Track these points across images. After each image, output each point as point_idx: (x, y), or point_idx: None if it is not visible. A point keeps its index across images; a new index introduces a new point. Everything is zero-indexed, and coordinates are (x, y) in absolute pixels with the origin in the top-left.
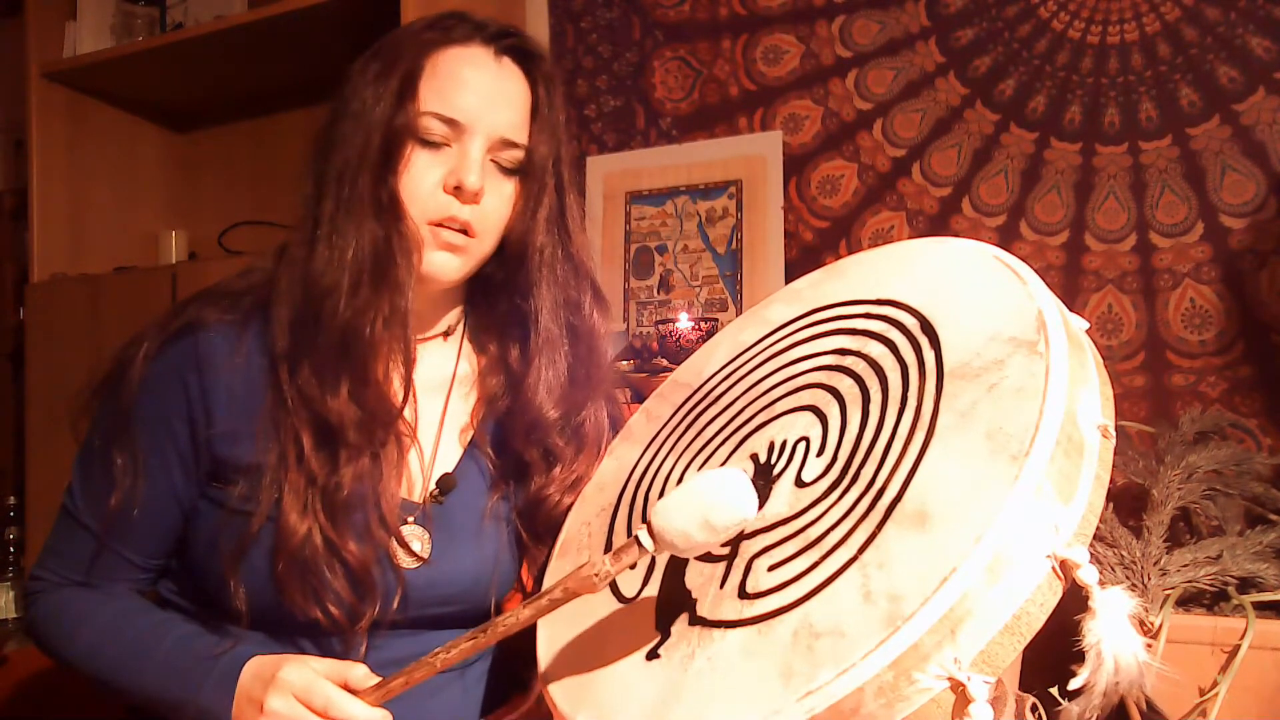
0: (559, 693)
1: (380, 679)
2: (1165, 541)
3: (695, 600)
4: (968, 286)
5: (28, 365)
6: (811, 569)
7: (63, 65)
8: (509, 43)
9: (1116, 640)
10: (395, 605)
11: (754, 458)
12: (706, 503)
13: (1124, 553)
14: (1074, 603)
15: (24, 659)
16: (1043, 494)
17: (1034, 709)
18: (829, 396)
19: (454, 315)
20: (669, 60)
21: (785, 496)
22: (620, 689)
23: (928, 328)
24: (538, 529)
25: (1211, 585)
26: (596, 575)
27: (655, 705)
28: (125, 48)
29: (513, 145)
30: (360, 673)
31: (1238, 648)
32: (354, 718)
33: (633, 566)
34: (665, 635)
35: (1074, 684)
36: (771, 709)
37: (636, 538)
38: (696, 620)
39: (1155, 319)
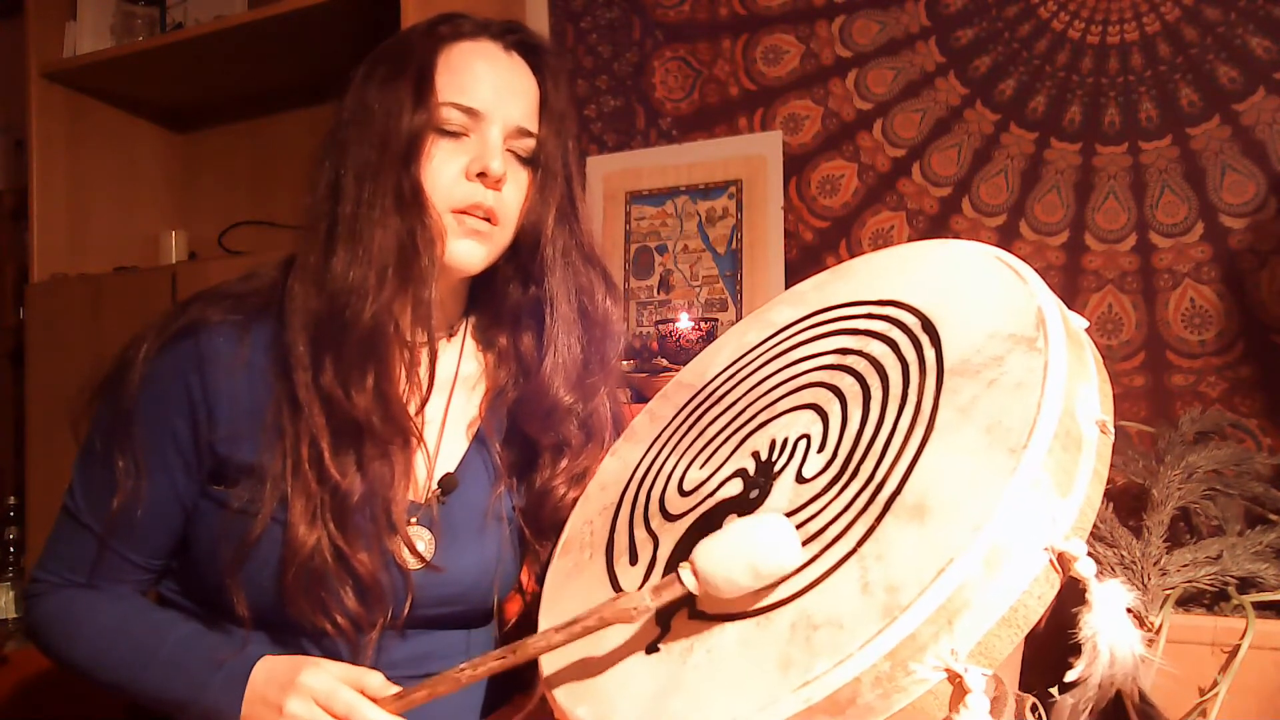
0: (559, 687)
1: (399, 689)
2: (1165, 541)
3: (695, 595)
4: (969, 286)
5: (28, 365)
6: (810, 562)
7: (63, 65)
8: (516, 37)
9: (1113, 632)
10: (404, 610)
11: (755, 455)
12: (754, 550)
13: (1124, 553)
14: (1074, 600)
15: (24, 659)
16: (1040, 486)
17: (1034, 709)
18: (830, 395)
19: (459, 316)
20: (669, 60)
21: (786, 493)
22: (620, 683)
23: (929, 326)
24: (541, 524)
25: (1211, 585)
26: (635, 609)
27: (654, 698)
28: (125, 48)
29: (527, 134)
30: (377, 681)
31: (1238, 648)
32: None
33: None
34: (665, 629)
35: (1070, 676)
36: (769, 699)
37: (679, 576)
38: (696, 614)
39: (1155, 319)
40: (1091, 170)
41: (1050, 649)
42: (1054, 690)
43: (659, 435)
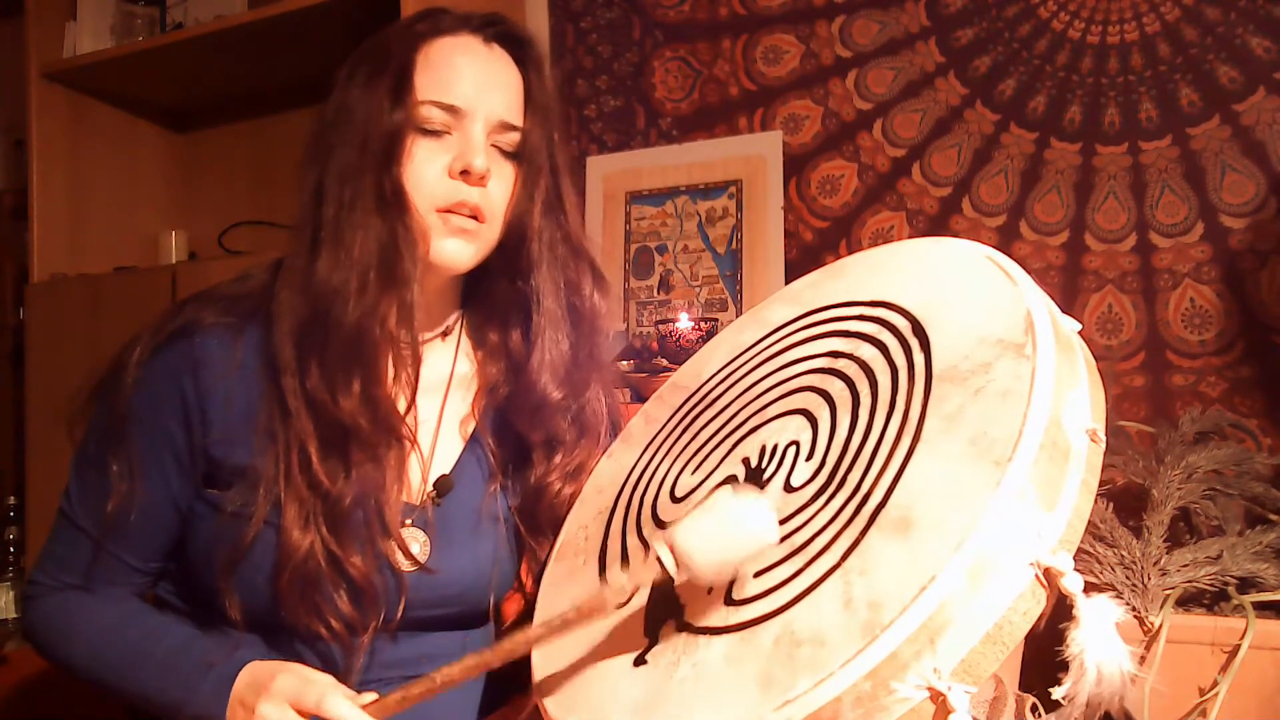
0: (548, 697)
1: (375, 696)
2: (1165, 541)
3: (684, 606)
4: (960, 287)
5: (28, 365)
6: (795, 575)
7: (63, 65)
8: (497, 30)
9: (1101, 650)
10: (399, 613)
11: (745, 462)
12: (730, 527)
13: (1124, 553)
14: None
15: (24, 659)
16: (1026, 500)
17: (1034, 709)
18: (820, 400)
19: (452, 315)
20: (669, 60)
21: (774, 501)
22: (607, 694)
23: (919, 330)
24: (538, 521)
25: (1211, 585)
26: (616, 604)
27: (639, 711)
28: (125, 48)
29: (511, 128)
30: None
31: (1238, 648)
32: (344, 717)
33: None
34: (653, 641)
35: (1057, 694)
36: (750, 717)
37: (658, 558)
38: (683, 627)
39: (1155, 319)
40: (1091, 170)
41: (1052, 648)
42: (1055, 690)
43: (653, 439)
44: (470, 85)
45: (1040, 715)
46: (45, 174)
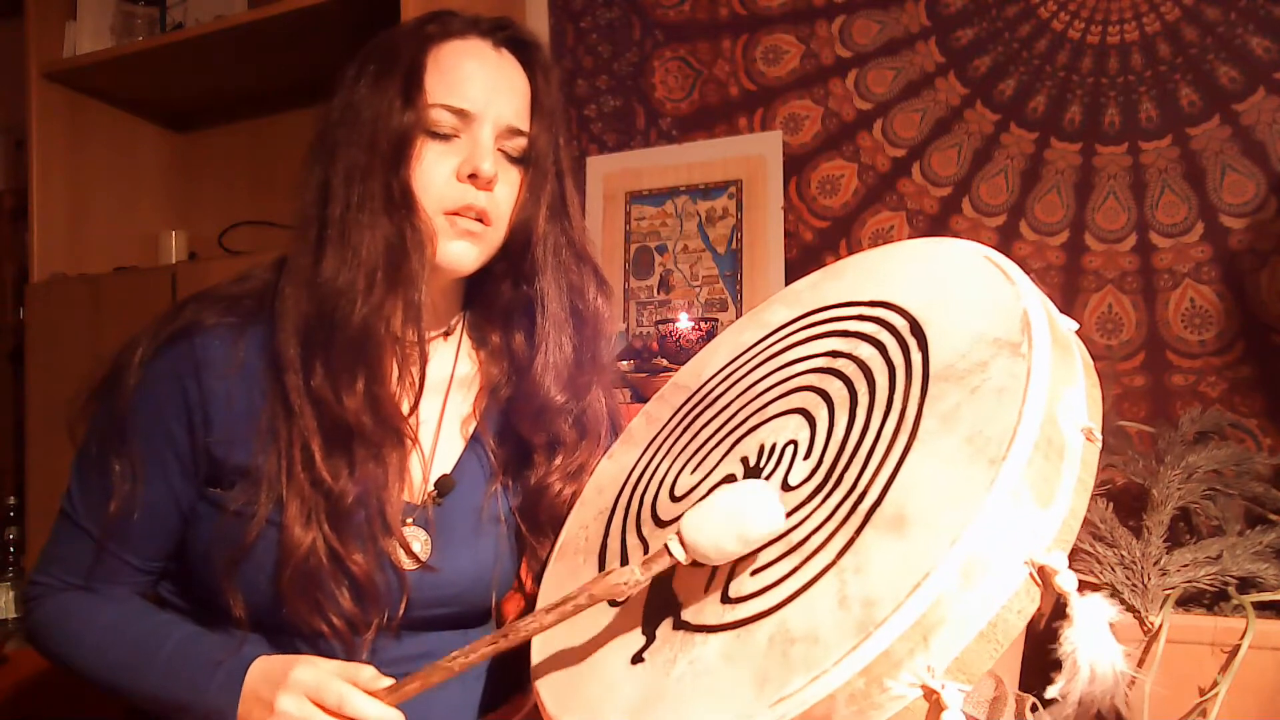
0: (548, 694)
1: (392, 680)
2: (1165, 541)
3: (681, 605)
4: (958, 287)
5: (28, 365)
6: (791, 574)
7: (63, 65)
8: (505, 34)
9: (1094, 649)
10: (400, 611)
11: (744, 461)
12: (739, 515)
13: (1124, 553)
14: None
15: (24, 659)
16: (1020, 498)
17: (1034, 709)
18: (818, 399)
19: (455, 316)
20: (669, 60)
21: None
22: (605, 691)
23: (917, 329)
24: (539, 520)
25: (1211, 585)
26: (625, 583)
27: (636, 709)
28: (125, 48)
29: (518, 133)
30: (368, 674)
31: (1238, 648)
32: (367, 715)
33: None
34: (650, 639)
35: (1050, 692)
36: (744, 715)
37: (667, 547)
38: (680, 625)
39: (1155, 319)
40: (1091, 170)
41: (1051, 648)
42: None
43: (654, 439)
44: (480, 90)
45: (1040, 715)
46: (45, 174)
